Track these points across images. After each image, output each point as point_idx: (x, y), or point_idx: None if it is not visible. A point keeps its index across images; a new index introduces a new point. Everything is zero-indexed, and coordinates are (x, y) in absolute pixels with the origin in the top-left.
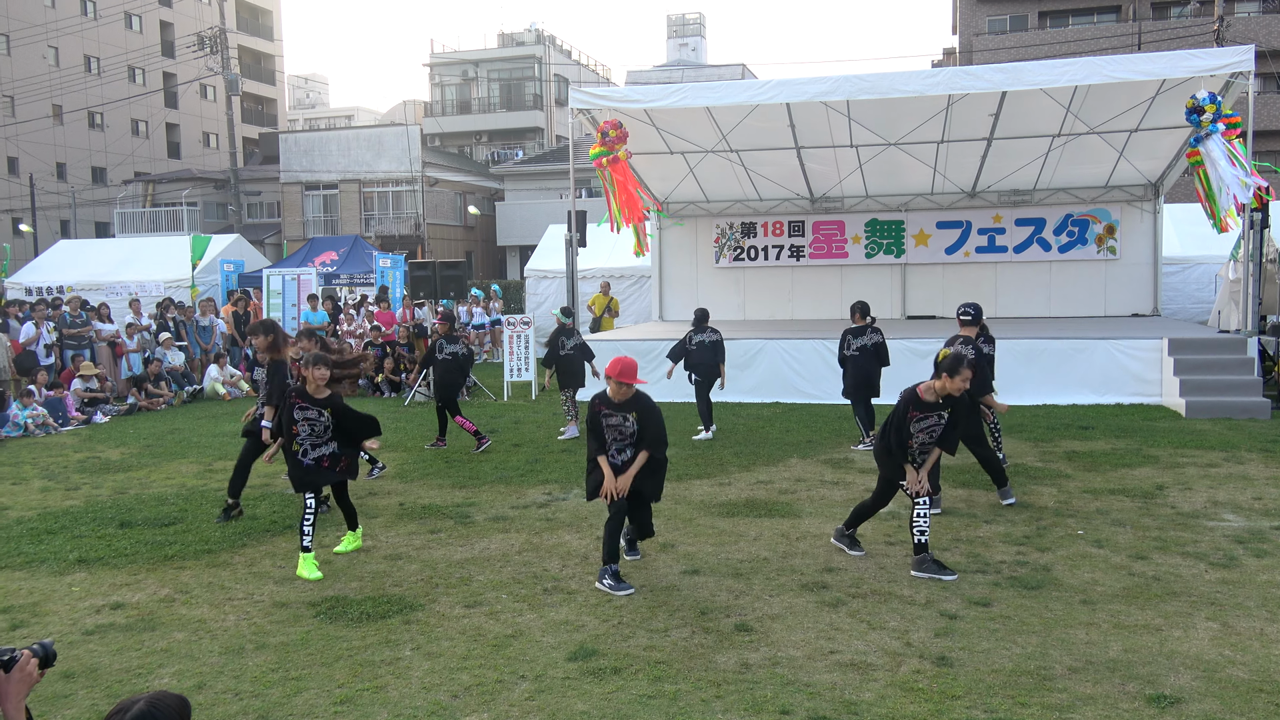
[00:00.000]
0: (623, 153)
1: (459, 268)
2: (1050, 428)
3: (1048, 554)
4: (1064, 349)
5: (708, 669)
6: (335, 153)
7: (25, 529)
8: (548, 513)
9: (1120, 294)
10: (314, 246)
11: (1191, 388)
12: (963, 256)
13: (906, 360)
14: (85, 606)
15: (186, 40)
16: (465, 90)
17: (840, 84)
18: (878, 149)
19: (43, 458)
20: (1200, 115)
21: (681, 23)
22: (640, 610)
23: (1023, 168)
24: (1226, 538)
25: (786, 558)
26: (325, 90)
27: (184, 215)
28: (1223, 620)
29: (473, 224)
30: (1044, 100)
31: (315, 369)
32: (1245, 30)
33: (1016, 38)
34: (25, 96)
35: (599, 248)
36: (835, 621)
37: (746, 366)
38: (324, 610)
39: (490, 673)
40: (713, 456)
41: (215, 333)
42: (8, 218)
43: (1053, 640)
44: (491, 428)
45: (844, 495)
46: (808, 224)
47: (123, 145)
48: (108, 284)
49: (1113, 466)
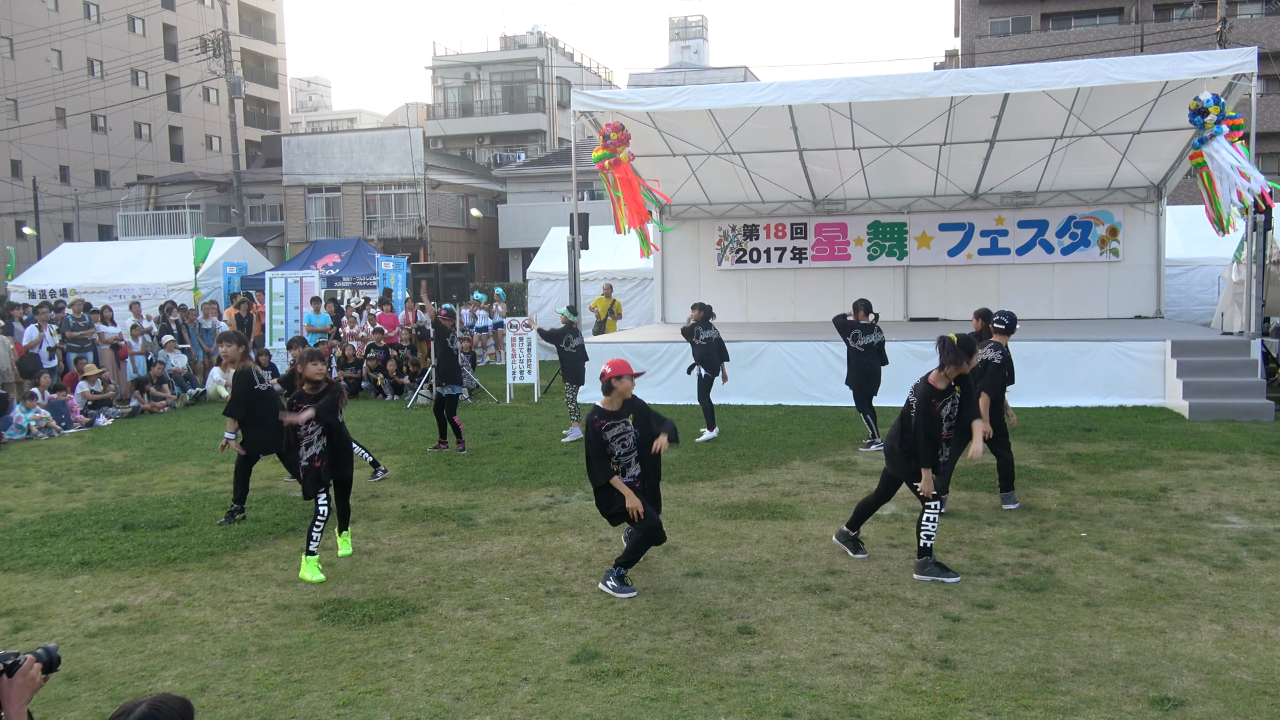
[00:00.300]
0: (624, 155)
1: (461, 270)
2: (1053, 430)
3: (1051, 556)
4: (1067, 351)
5: (710, 671)
6: (338, 155)
7: (28, 531)
8: (550, 515)
9: (1123, 296)
10: (316, 249)
11: (1195, 390)
12: (965, 259)
13: (909, 361)
14: (88, 609)
15: (189, 43)
16: (468, 93)
17: (842, 86)
18: (880, 151)
19: (46, 460)
20: (1204, 117)
21: (684, 25)
22: (643, 613)
23: (1025, 170)
24: (1230, 540)
25: (789, 560)
26: (328, 93)
27: (187, 218)
28: (1226, 623)
29: (475, 226)
30: (1046, 102)
31: (310, 364)
32: (1248, 32)
33: (1019, 40)
34: (28, 99)
35: (601, 250)
36: (838, 624)
37: (749, 369)
38: (327, 613)
39: (493, 675)
40: (715, 459)
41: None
42: (11, 221)
43: (1056, 643)
44: (494, 430)
45: (846, 498)
46: (810, 226)
47: (126, 148)
48: (111, 287)
49: (1116, 469)
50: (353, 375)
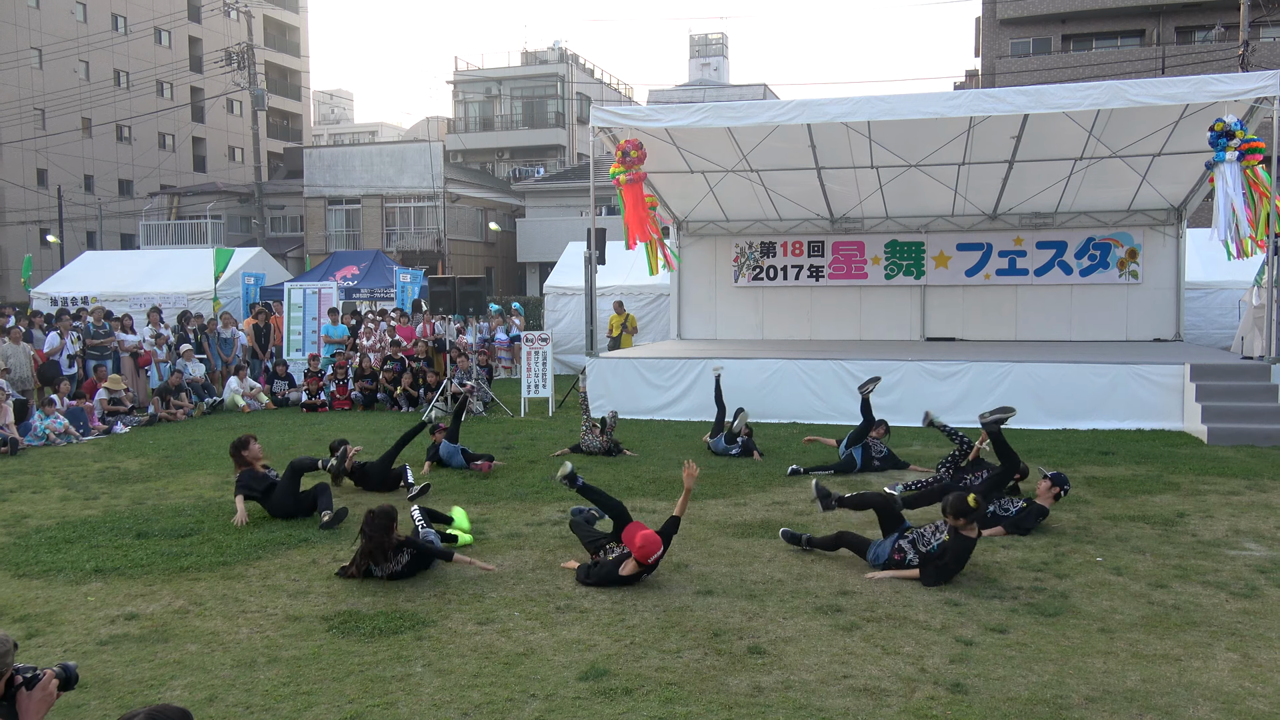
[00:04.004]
0: (634, 173)
1: (479, 284)
2: (1070, 452)
3: (1066, 581)
4: (1085, 373)
5: (719, 691)
6: (359, 168)
7: (44, 538)
8: (562, 531)
9: (1142, 319)
10: (335, 260)
11: (1214, 414)
12: (983, 279)
13: (924, 381)
14: (100, 616)
15: (214, 55)
16: (488, 107)
17: (861, 105)
18: (898, 170)
19: (63, 467)
20: (1230, 139)
21: (704, 43)
22: (653, 630)
23: (1044, 190)
24: (1248, 567)
25: (801, 580)
26: (350, 106)
27: (208, 228)
28: (1243, 651)
29: (493, 240)
30: (1066, 123)
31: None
32: (1271, 55)
33: (1039, 60)
34: (55, 109)
35: (618, 265)
36: (849, 645)
37: (764, 387)
38: (336, 624)
39: (501, 691)
40: (729, 476)
41: (236, 345)
42: (36, 228)
43: (1070, 669)
44: (508, 444)
45: (860, 517)
46: (827, 244)
47: (149, 158)
48: (131, 295)
49: (1133, 493)
50: (369, 387)
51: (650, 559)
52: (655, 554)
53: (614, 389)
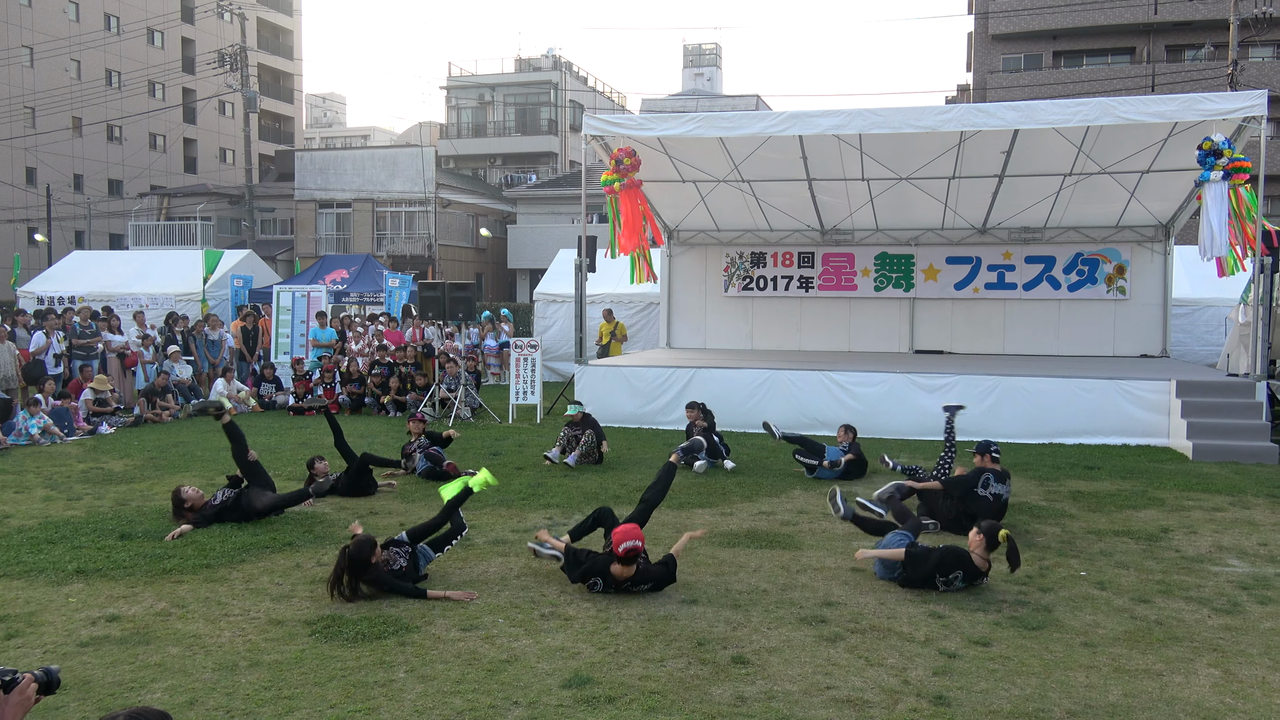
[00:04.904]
0: (629, 180)
1: (469, 289)
2: (1056, 467)
3: (1049, 594)
4: (1071, 388)
5: (703, 701)
6: (350, 172)
7: (25, 538)
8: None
9: (1129, 334)
10: (325, 264)
11: (1199, 430)
12: (972, 292)
13: (911, 393)
14: (81, 618)
15: (207, 57)
16: (481, 113)
17: (853, 118)
18: (889, 183)
19: (47, 467)
20: (1218, 158)
21: (698, 53)
22: (637, 639)
23: (1033, 205)
24: (1231, 583)
25: (786, 590)
26: (342, 109)
27: (198, 230)
28: (1225, 667)
29: (484, 246)
30: (1056, 139)
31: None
32: (1259, 75)
33: (1031, 76)
34: (46, 108)
35: (608, 273)
36: (833, 656)
37: (752, 397)
38: (319, 629)
39: (484, 698)
40: (715, 486)
41: (224, 347)
42: (24, 227)
43: (1052, 682)
44: (494, 450)
45: (846, 529)
46: (817, 255)
47: (140, 159)
48: (119, 295)
49: (1118, 508)
50: (356, 391)
51: (623, 548)
52: (629, 543)
53: (602, 397)
